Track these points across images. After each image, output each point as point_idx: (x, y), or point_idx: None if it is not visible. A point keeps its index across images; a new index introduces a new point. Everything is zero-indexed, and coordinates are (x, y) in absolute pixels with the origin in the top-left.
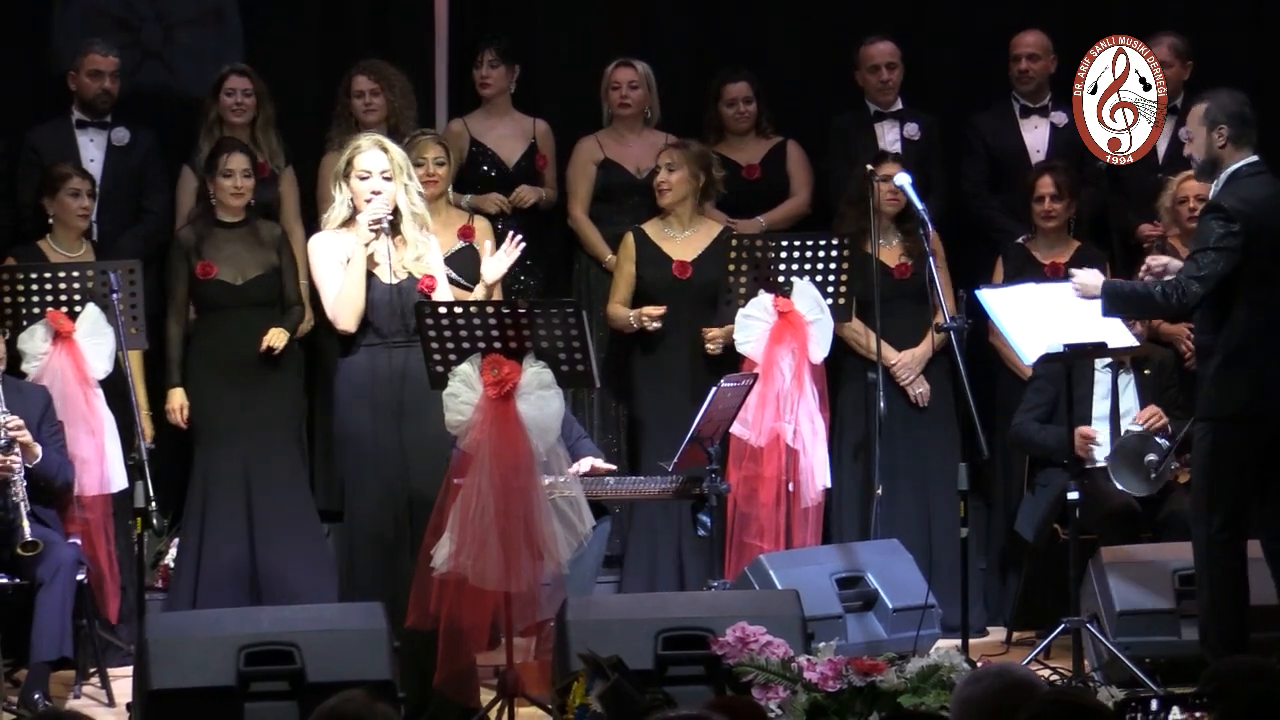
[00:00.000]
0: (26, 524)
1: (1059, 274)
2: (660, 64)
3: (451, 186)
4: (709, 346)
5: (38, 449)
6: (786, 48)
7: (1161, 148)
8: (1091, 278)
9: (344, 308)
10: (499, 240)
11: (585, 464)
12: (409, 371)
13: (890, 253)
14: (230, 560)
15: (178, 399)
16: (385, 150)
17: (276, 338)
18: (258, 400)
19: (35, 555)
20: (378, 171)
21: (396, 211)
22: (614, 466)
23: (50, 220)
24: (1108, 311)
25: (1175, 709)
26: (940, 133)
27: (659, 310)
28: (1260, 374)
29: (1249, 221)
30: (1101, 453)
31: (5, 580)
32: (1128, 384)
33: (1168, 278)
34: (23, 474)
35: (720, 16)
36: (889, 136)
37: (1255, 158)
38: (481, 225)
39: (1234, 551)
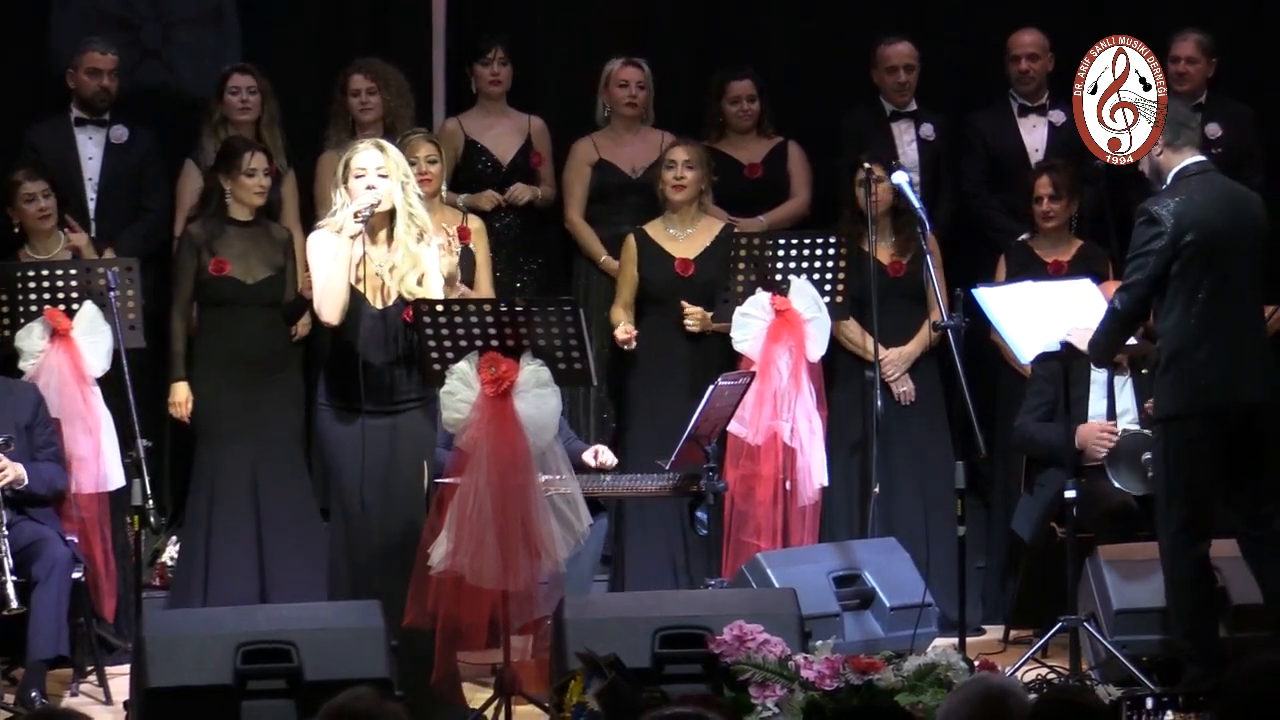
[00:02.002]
0: (11, 590)
1: (1062, 272)
2: (659, 63)
3: (446, 185)
4: (687, 322)
5: (22, 474)
6: (786, 47)
7: None
8: (1082, 336)
9: (328, 299)
10: (493, 240)
11: (598, 450)
12: (389, 383)
13: (883, 251)
14: (240, 560)
15: (182, 393)
16: (382, 150)
17: (305, 328)
18: (262, 399)
19: (32, 553)
20: (373, 168)
21: (393, 213)
22: (615, 461)
23: (15, 229)
24: (1100, 361)
25: (1169, 712)
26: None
27: (631, 334)
28: (1197, 373)
29: (1177, 221)
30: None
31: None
32: (1124, 383)
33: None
34: (4, 533)
35: (720, 15)
36: (905, 137)
37: (1201, 157)
38: (475, 226)
39: (1192, 554)
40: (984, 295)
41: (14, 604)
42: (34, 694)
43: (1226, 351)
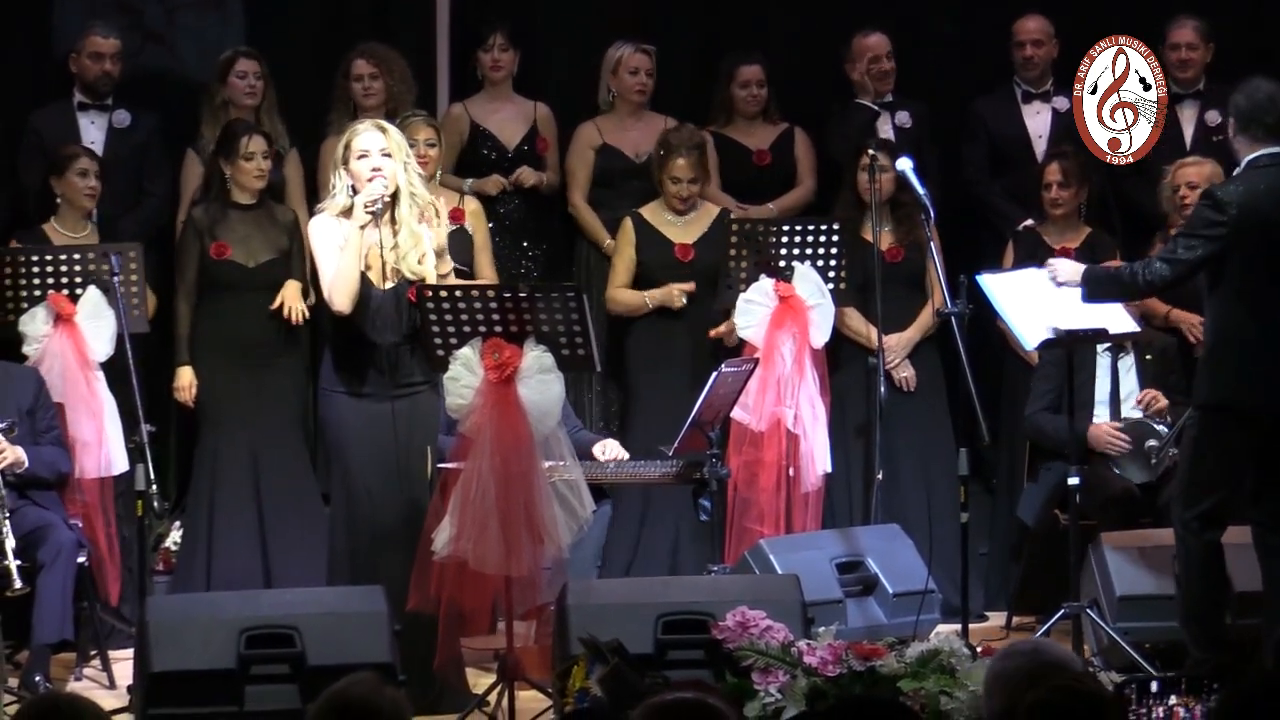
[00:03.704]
0: (14, 568)
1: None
2: (662, 48)
3: (444, 169)
4: (724, 336)
5: (22, 456)
6: (788, 35)
7: (1188, 132)
8: (1070, 267)
9: (339, 289)
10: (497, 226)
11: (607, 446)
12: (394, 367)
13: (882, 237)
14: (242, 544)
15: (186, 377)
16: (383, 130)
17: (294, 299)
18: (264, 383)
19: (37, 538)
20: (376, 149)
21: (396, 194)
22: (627, 455)
23: (58, 200)
24: (1087, 297)
25: (1173, 696)
26: (930, 119)
27: (689, 286)
28: (1242, 367)
29: (1241, 211)
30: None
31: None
32: (1129, 367)
33: (1141, 260)
34: (6, 515)
35: (723, 1)
36: (883, 127)
37: (1276, 149)
38: (472, 208)
39: (1205, 540)
40: (988, 282)
41: (18, 584)
42: (38, 678)
43: (1270, 350)
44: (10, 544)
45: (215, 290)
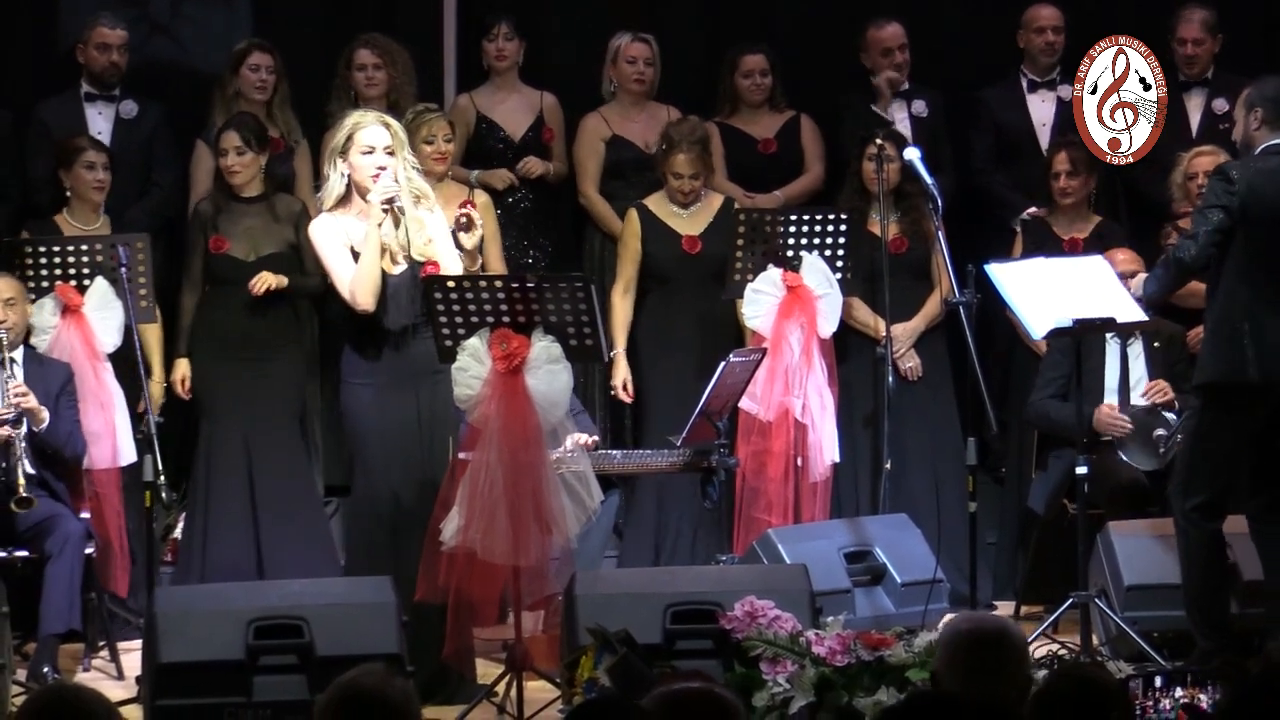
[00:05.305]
0: (23, 480)
1: (1078, 249)
2: (668, 38)
3: (456, 161)
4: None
5: (44, 413)
6: (794, 23)
7: (1195, 120)
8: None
9: (362, 287)
10: (505, 217)
11: (571, 440)
12: (415, 353)
13: (886, 228)
14: (234, 537)
15: (182, 369)
16: (387, 125)
17: (270, 280)
18: (261, 377)
19: (45, 529)
20: (381, 147)
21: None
22: (596, 439)
23: (67, 193)
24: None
25: (1179, 688)
26: (944, 109)
27: (629, 395)
28: (1240, 345)
29: (1248, 187)
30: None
31: (14, 553)
32: (1138, 354)
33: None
34: (27, 432)
35: None
36: (899, 115)
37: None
38: (482, 200)
39: (1206, 531)
40: (996, 271)
41: (23, 491)
42: (46, 669)
43: (1269, 330)
44: (23, 465)
45: (214, 284)
